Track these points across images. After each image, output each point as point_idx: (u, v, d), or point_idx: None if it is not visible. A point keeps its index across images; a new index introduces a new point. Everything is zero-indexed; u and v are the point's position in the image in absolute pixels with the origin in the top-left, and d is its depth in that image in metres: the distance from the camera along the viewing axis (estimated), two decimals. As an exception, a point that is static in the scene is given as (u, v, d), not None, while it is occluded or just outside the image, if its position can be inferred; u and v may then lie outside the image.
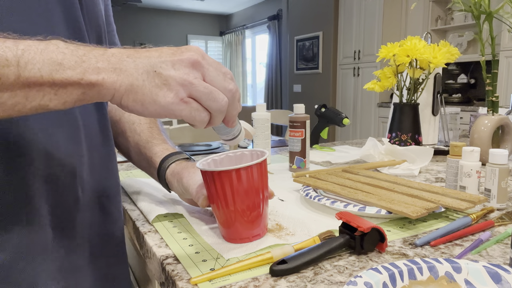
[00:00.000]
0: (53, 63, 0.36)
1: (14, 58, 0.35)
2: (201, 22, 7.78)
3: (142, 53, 0.40)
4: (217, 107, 0.42)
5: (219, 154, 0.59)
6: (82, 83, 0.37)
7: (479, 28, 1.01)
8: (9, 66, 0.35)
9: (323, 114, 1.28)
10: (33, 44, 0.37)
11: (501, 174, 0.67)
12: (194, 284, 0.43)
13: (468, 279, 0.41)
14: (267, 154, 0.54)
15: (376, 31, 3.97)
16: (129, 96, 0.39)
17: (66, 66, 0.37)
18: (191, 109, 0.40)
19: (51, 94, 0.37)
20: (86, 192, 0.56)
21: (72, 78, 0.37)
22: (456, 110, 1.36)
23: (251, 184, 0.51)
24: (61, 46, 0.38)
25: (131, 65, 0.39)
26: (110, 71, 0.38)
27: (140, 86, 0.39)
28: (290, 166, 0.98)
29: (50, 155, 0.50)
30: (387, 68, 1.18)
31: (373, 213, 0.60)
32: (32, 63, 0.36)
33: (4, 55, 0.35)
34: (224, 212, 0.52)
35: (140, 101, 0.39)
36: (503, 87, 3.04)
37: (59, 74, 0.36)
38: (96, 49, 0.39)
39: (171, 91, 0.39)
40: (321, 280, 0.44)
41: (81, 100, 0.39)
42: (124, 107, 0.40)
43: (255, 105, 5.71)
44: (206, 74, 0.41)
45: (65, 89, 0.37)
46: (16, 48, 0.36)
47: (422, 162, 0.96)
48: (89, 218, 0.57)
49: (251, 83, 7.65)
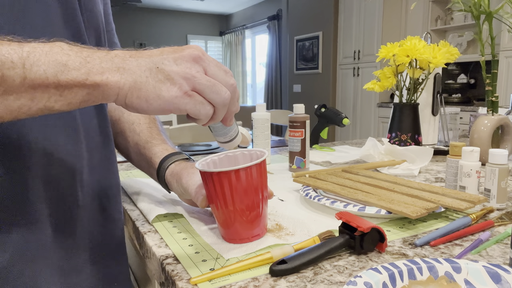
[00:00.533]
0: (58, 64, 0.37)
1: (19, 60, 0.35)
2: (201, 22, 7.78)
3: (144, 53, 0.41)
4: (221, 100, 0.42)
5: (218, 154, 0.59)
6: (87, 83, 0.38)
7: (479, 28, 1.01)
8: (14, 68, 0.35)
9: (323, 114, 1.28)
10: (38, 46, 0.37)
11: (500, 174, 0.67)
12: (194, 284, 0.43)
13: (468, 279, 0.41)
14: (266, 155, 0.54)
15: (376, 31, 3.97)
16: (133, 94, 0.39)
17: (71, 67, 0.37)
18: (195, 102, 0.41)
19: (56, 96, 0.37)
20: (86, 193, 0.56)
21: (77, 78, 0.37)
22: (456, 110, 1.36)
23: (250, 184, 0.51)
24: (65, 48, 0.38)
25: (134, 64, 0.40)
26: (114, 70, 0.39)
27: (143, 83, 0.39)
28: (290, 166, 0.98)
29: (50, 156, 0.50)
30: (387, 68, 1.18)
31: (373, 213, 0.60)
32: (37, 65, 0.36)
33: (9, 57, 0.35)
34: (224, 212, 0.52)
35: (144, 97, 0.39)
36: (503, 87, 3.04)
37: (64, 75, 0.37)
38: (100, 51, 0.40)
39: (175, 85, 0.40)
40: (321, 280, 0.44)
41: (86, 101, 0.39)
42: (129, 106, 0.40)
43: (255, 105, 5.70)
44: (207, 68, 0.42)
45: (70, 90, 0.38)
46: (21, 50, 0.36)
47: (422, 162, 0.96)
48: (89, 219, 0.57)
49: (251, 83, 7.65)
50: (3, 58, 0.35)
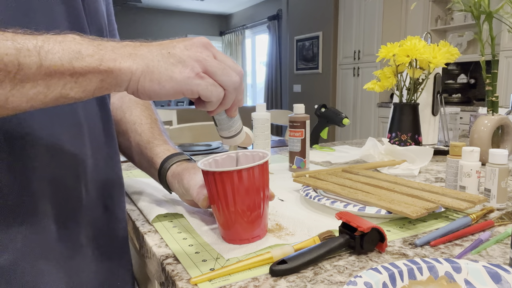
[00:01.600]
0: (72, 52, 0.38)
1: (35, 48, 0.36)
2: (201, 22, 7.78)
3: (154, 43, 0.43)
4: (231, 83, 0.43)
5: (221, 154, 0.59)
6: (101, 69, 0.39)
7: (479, 28, 1.01)
8: (30, 56, 0.36)
9: (323, 114, 1.28)
10: (51, 37, 0.38)
11: (501, 174, 0.67)
12: (194, 284, 0.43)
13: (468, 279, 0.41)
14: (269, 156, 0.54)
15: (376, 31, 3.97)
16: (146, 77, 0.40)
17: (85, 54, 0.38)
18: (207, 84, 0.42)
19: (71, 83, 0.38)
20: (90, 193, 0.56)
21: (91, 65, 0.38)
22: (456, 110, 1.36)
23: (252, 185, 0.51)
24: (77, 38, 0.40)
25: (145, 50, 0.41)
26: (126, 56, 0.40)
27: (155, 66, 0.41)
28: (290, 166, 0.98)
29: (54, 155, 0.50)
30: (387, 68, 1.18)
31: (373, 213, 0.60)
32: (52, 52, 0.37)
33: (25, 45, 0.36)
34: (225, 212, 0.52)
35: (157, 80, 0.41)
36: (503, 87, 3.04)
37: (79, 62, 0.38)
38: (111, 41, 0.41)
39: (187, 67, 0.41)
40: (321, 280, 0.44)
41: (100, 88, 0.40)
42: (141, 92, 0.41)
43: (255, 105, 5.69)
44: (216, 54, 0.44)
45: (85, 77, 0.39)
46: (36, 39, 0.37)
47: (422, 162, 0.96)
48: (93, 218, 0.57)
49: (251, 83, 7.65)
50: (18, 46, 0.36)
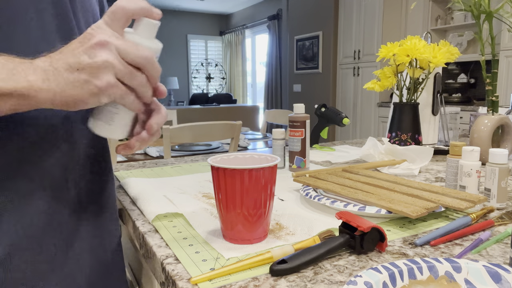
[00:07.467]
0: None
1: None
2: (201, 22, 7.78)
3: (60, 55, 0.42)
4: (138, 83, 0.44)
5: (228, 154, 0.59)
6: (14, 94, 0.40)
7: (479, 28, 1.01)
8: None
9: (323, 113, 1.28)
10: None
11: (501, 173, 0.67)
12: (194, 283, 0.43)
13: (468, 278, 0.41)
14: (278, 160, 0.54)
15: (376, 31, 3.97)
16: (59, 99, 0.42)
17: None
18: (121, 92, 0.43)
19: None
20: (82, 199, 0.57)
21: (3, 90, 0.39)
22: (456, 109, 1.36)
23: (260, 186, 0.51)
24: None
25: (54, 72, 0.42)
26: (40, 81, 0.41)
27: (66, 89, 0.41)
28: (290, 166, 0.98)
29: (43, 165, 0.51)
30: (387, 67, 1.18)
31: (373, 213, 0.60)
32: None
33: None
34: (230, 211, 0.52)
35: (72, 101, 0.42)
36: (503, 86, 3.04)
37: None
38: (24, 63, 0.42)
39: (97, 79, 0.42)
40: (321, 279, 0.44)
41: (15, 110, 0.42)
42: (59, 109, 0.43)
43: (255, 105, 5.67)
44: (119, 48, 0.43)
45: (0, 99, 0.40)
46: None
47: (422, 161, 0.96)
48: (85, 214, 0.57)
49: (251, 82, 7.65)
50: None
